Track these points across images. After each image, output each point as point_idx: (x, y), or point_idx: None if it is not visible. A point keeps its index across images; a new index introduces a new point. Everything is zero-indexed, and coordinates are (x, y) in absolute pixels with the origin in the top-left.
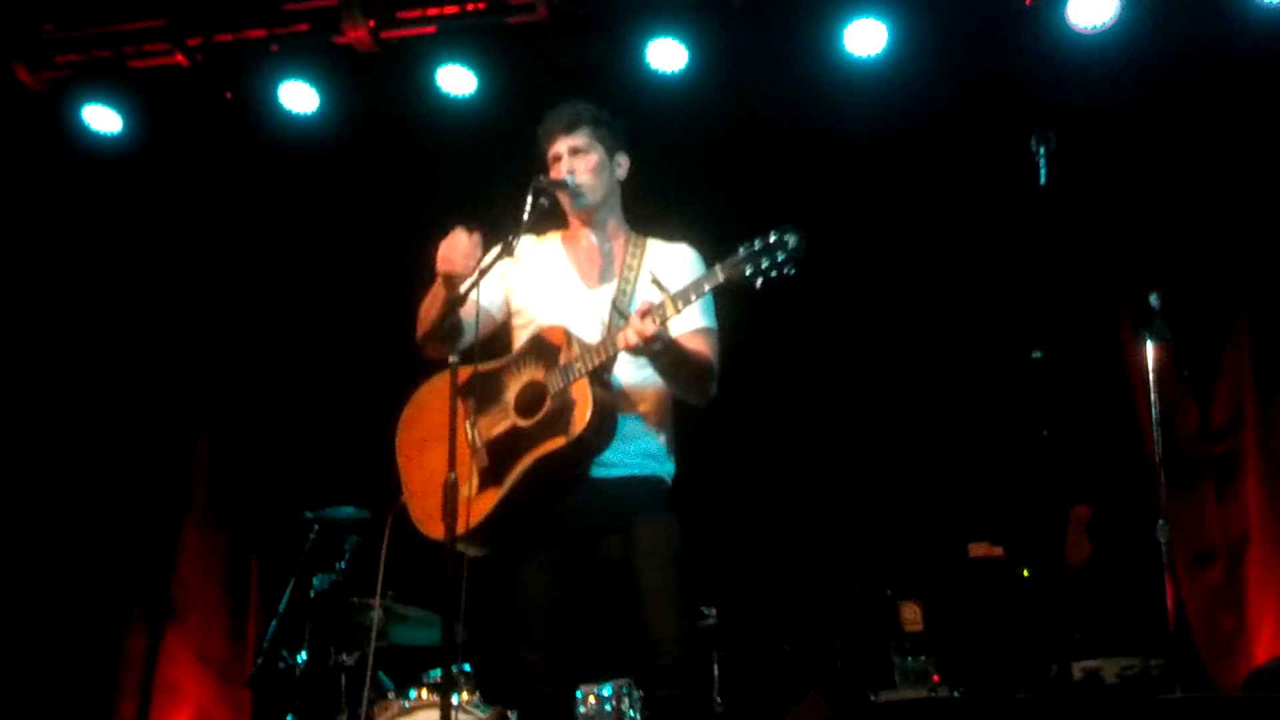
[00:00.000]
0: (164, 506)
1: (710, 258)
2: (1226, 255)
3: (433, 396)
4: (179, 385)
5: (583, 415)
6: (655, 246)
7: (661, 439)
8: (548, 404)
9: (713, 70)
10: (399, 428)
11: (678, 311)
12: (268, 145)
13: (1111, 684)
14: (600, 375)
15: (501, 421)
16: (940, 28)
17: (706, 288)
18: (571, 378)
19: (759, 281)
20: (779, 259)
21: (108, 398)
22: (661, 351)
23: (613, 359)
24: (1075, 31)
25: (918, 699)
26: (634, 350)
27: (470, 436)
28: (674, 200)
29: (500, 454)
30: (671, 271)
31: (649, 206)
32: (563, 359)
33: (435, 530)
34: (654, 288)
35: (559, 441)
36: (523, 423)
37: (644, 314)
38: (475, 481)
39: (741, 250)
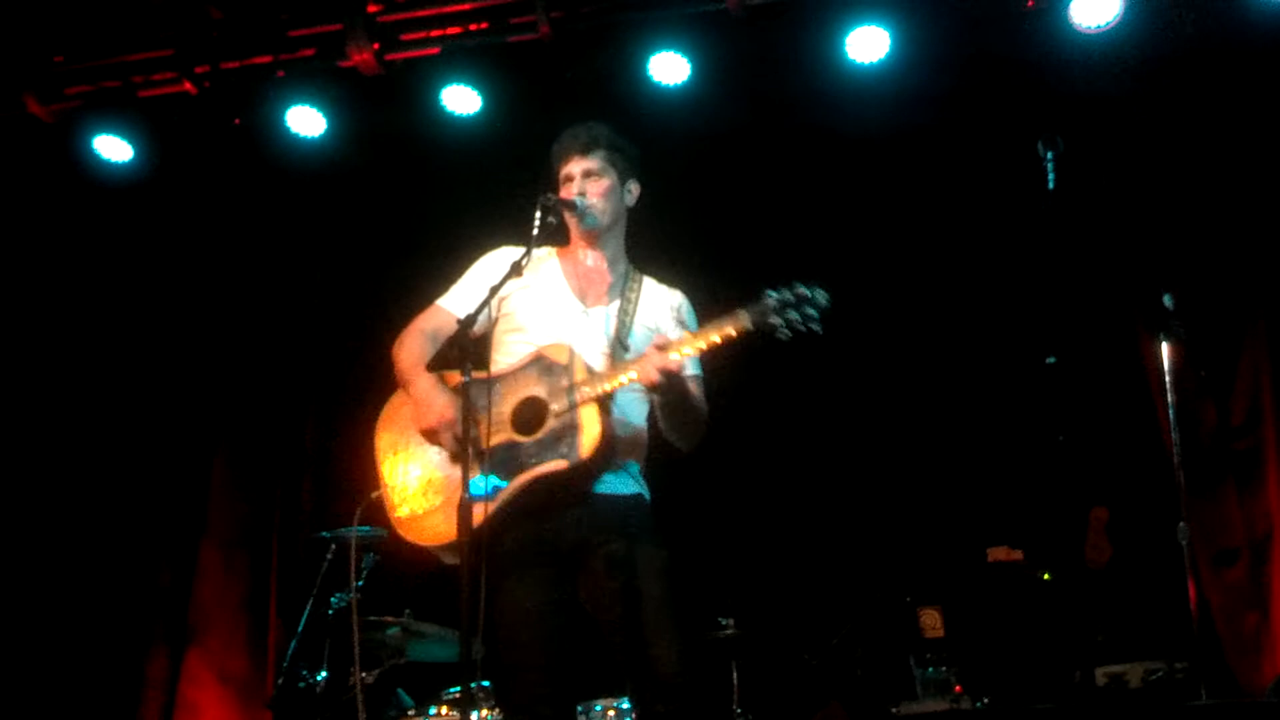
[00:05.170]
0: (182, 528)
1: (700, 290)
2: (1240, 252)
3: None
4: (194, 407)
5: (590, 441)
6: (651, 284)
7: (639, 466)
8: (549, 423)
9: (715, 82)
10: (379, 425)
11: (698, 350)
12: (276, 170)
13: (1136, 689)
14: (606, 403)
15: (497, 434)
16: (942, 31)
17: (731, 332)
18: (577, 400)
19: (785, 334)
20: (809, 313)
21: (123, 421)
22: (676, 388)
23: (622, 388)
24: (1079, 31)
25: (940, 711)
26: (652, 385)
27: (463, 445)
28: (679, 213)
29: (495, 466)
30: (663, 314)
31: (654, 218)
32: (567, 380)
33: (414, 534)
34: (673, 323)
35: (560, 464)
36: (520, 438)
37: (662, 348)
38: (463, 491)
39: (770, 299)
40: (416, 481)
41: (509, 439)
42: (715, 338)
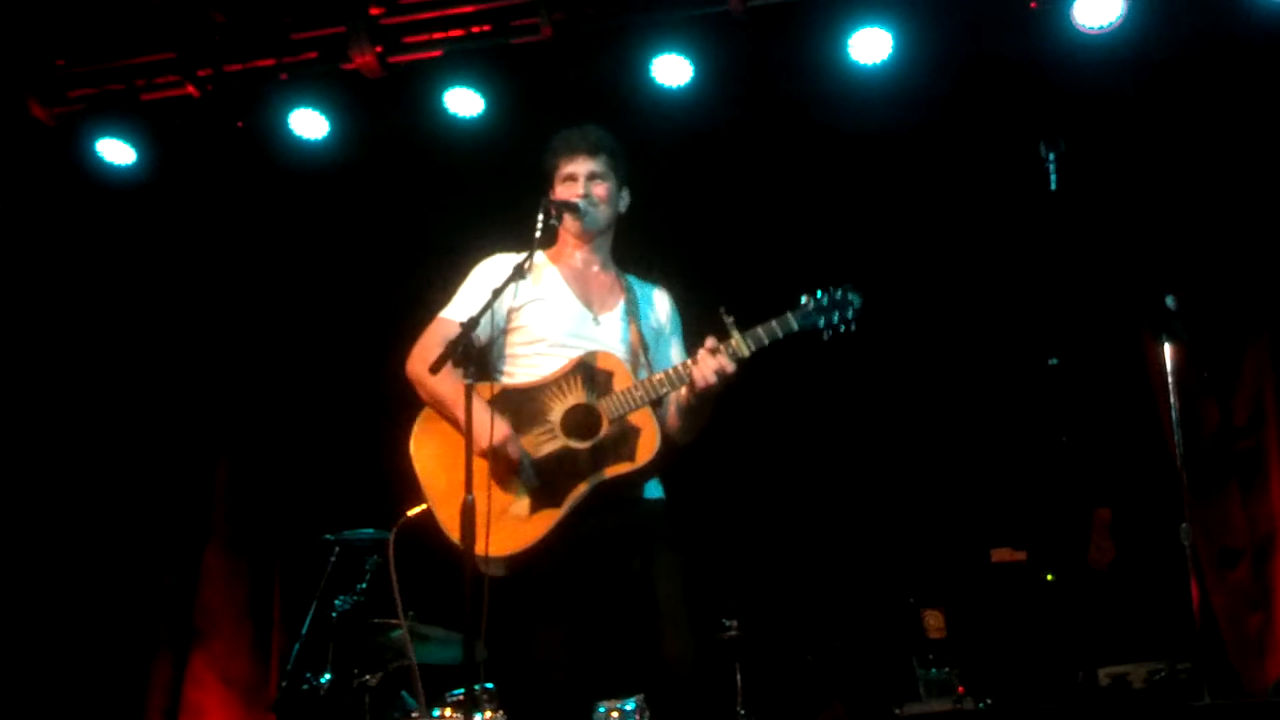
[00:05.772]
0: (186, 532)
1: (704, 291)
2: (1243, 253)
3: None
4: (198, 411)
5: (650, 443)
6: (640, 285)
7: None
8: (605, 428)
9: (718, 84)
10: (414, 443)
11: (749, 352)
12: (279, 172)
13: (1139, 690)
14: (658, 406)
15: (550, 442)
16: (945, 32)
17: (779, 332)
18: (632, 405)
19: (827, 334)
20: (848, 315)
21: (127, 425)
22: (719, 390)
23: (672, 391)
24: (1082, 32)
25: (943, 711)
26: (708, 387)
27: (468, 448)
28: (682, 214)
29: (553, 475)
30: (662, 315)
31: (657, 220)
32: (618, 385)
33: (478, 545)
34: (668, 320)
35: (625, 466)
36: (577, 445)
37: (714, 351)
38: (527, 502)
39: (811, 302)
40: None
41: (564, 446)
42: (765, 340)
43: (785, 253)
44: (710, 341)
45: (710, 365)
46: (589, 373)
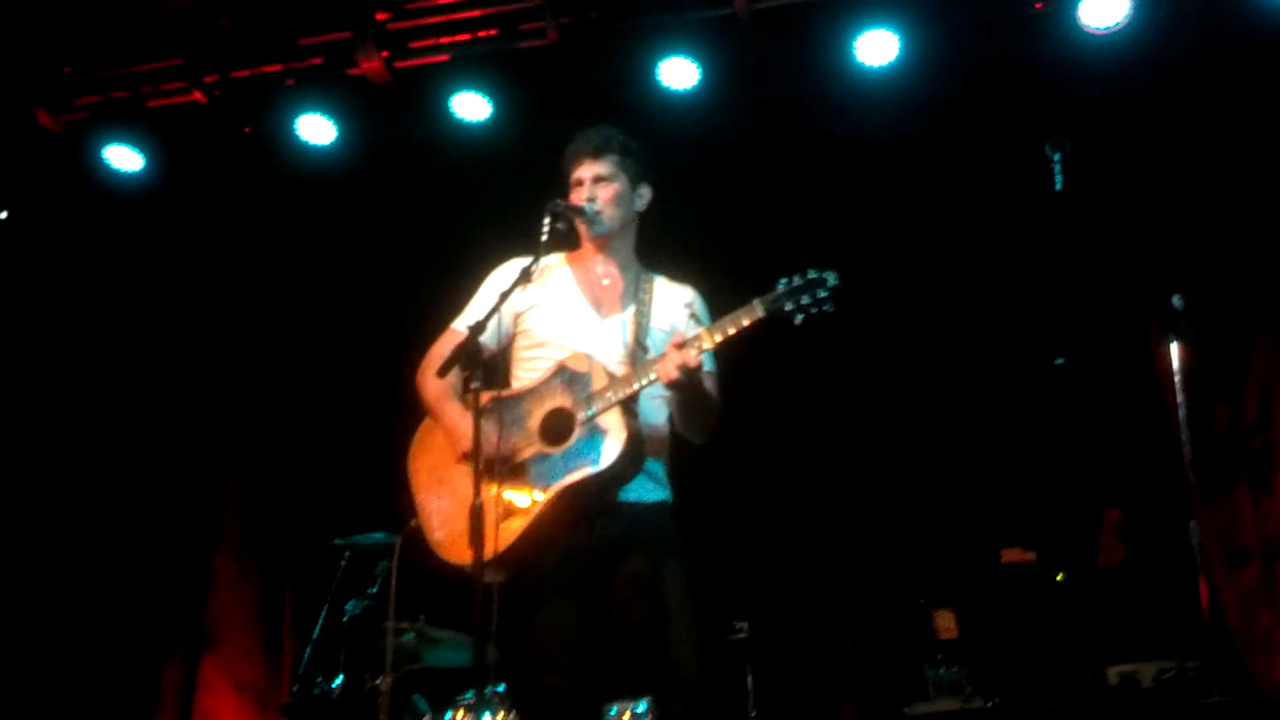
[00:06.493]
0: (197, 537)
1: (714, 295)
2: (1250, 252)
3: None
4: (208, 417)
5: (615, 445)
6: (662, 284)
7: (664, 468)
8: (576, 431)
9: (725, 86)
10: (411, 452)
11: (715, 344)
12: (287, 178)
13: (1148, 688)
14: (630, 405)
15: (526, 448)
16: (951, 33)
17: (745, 322)
18: (601, 406)
19: (798, 318)
20: (819, 295)
21: (138, 431)
22: (694, 385)
23: (643, 390)
24: (1088, 32)
25: (951, 711)
26: (673, 383)
27: (494, 463)
28: (689, 218)
29: (530, 480)
30: (677, 313)
31: (664, 225)
32: (591, 387)
33: (455, 555)
34: (689, 320)
35: (589, 470)
36: (550, 449)
37: (680, 346)
38: (500, 508)
39: (780, 286)
40: (451, 505)
41: (539, 452)
42: (731, 330)
43: (792, 255)
44: (677, 336)
45: (674, 360)
46: (568, 376)
